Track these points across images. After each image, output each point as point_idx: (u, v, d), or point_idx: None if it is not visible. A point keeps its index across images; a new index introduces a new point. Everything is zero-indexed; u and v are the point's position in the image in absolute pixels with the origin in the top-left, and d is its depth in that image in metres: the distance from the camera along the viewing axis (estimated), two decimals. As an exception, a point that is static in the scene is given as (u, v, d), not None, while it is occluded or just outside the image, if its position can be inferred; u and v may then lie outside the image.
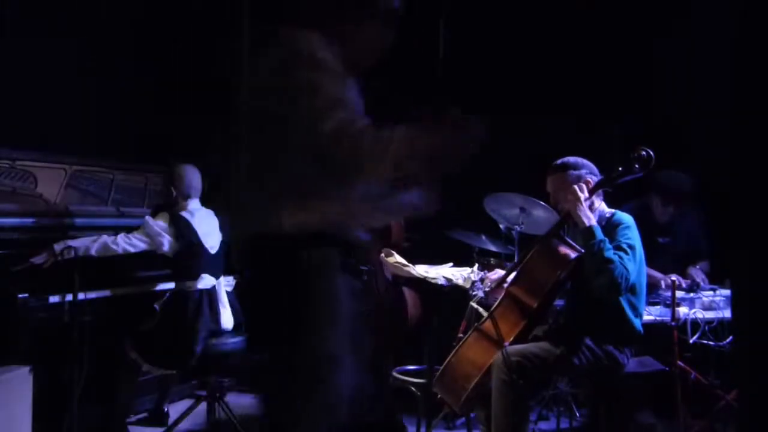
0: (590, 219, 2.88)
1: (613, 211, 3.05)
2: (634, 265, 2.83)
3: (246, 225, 1.88)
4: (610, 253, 2.79)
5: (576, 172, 3.01)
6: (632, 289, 2.88)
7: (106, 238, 3.39)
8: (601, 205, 3.06)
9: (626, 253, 2.82)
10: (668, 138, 4.19)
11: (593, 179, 2.99)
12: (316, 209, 1.78)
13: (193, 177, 3.66)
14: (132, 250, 3.43)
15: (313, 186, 1.77)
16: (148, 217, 3.54)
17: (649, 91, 4.68)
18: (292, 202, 1.77)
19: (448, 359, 2.98)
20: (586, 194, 2.92)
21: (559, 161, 3.08)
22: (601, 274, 2.79)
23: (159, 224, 3.47)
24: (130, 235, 3.44)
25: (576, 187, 2.93)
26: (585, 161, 3.06)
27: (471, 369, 2.88)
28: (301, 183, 1.76)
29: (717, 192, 3.10)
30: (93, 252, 3.34)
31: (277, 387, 1.78)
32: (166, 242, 3.46)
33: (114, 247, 3.38)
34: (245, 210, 1.88)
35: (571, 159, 3.06)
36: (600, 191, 3.01)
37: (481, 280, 3.19)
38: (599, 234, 2.83)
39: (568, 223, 3.02)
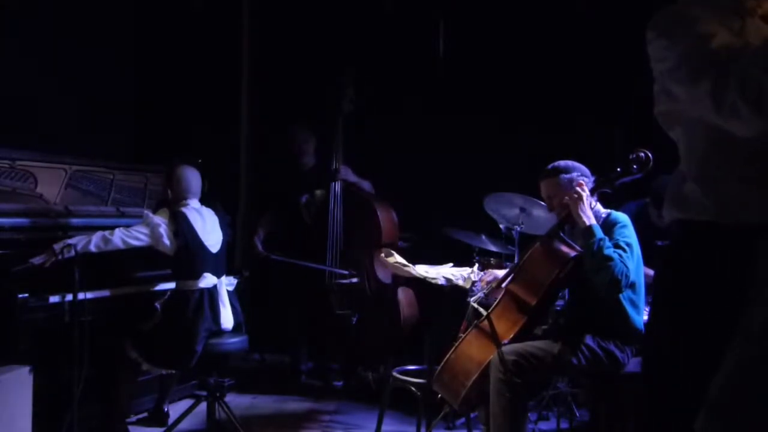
0: (590, 218, 2.89)
1: (608, 211, 3.06)
2: (633, 263, 2.84)
3: None
4: (609, 251, 2.79)
5: (567, 176, 3.01)
6: (632, 287, 2.88)
7: (102, 232, 3.37)
8: (597, 205, 3.06)
9: (624, 251, 2.83)
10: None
11: (585, 182, 3.00)
12: None
13: (192, 179, 3.65)
14: (132, 242, 3.41)
15: None
16: (147, 211, 3.54)
17: (650, 91, 4.67)
18: None
19: (447, 356, 2.98)
20: (588, 194, 2.92)
21: (550, 166, 3.08)
22: (601, 272, 2.79)
23: (159, 218, 3.47)
24: (129, 228, 3.42)
25: (579, 187, 2.93)
26: (576, 164, 3.06)
27: (470, 366, 2.88)
28: None
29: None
30: (92, 247, 3.32)
31: None
32: (165, 233, 3.44)
33: (112, 238, 3.35)
34: None
35: (562, 163, 3.07)
36: (596, 192, 3.01)
37: (474, 282, 3.19)
38: (599, 233, 2.84)
39: (568, 223, 3.02)
